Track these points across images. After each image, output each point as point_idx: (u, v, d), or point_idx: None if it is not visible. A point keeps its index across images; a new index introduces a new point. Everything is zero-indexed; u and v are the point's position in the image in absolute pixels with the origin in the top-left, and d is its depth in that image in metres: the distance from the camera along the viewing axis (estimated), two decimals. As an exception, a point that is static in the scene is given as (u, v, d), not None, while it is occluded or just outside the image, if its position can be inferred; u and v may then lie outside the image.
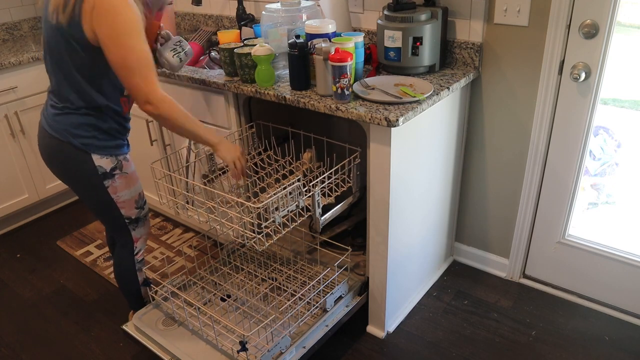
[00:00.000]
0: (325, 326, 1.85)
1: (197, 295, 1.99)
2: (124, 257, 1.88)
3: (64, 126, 1.60)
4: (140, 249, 1.89)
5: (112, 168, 1.68)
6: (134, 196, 1.78)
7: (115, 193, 1.71)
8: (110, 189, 1.69)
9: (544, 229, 2.15)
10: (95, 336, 2.12)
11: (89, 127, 1.62)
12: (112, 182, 1.69)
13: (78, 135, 1.60)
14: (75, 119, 1.60)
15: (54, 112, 1.63)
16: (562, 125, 1.93)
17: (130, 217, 1.79)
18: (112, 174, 1.68)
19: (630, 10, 1.72)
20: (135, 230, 1.84)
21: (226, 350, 1.71)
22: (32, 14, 3.16)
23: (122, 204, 1.75)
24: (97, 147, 1.64)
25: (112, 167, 1.68)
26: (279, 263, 2.15)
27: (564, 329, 2.03)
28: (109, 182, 1.69)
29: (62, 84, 1.59)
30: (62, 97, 1.61)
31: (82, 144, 1.61)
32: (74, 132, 1.60)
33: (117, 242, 1.90)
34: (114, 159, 1.68)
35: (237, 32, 2.21)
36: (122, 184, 1.72)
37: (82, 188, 1.72)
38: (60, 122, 1.61)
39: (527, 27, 1.85)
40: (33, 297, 2.36)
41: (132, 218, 1.80)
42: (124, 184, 1.72)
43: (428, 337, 2.03)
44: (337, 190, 1.82)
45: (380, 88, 1.79)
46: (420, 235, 2.07)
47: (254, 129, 2.08)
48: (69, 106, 1.60)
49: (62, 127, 1.61)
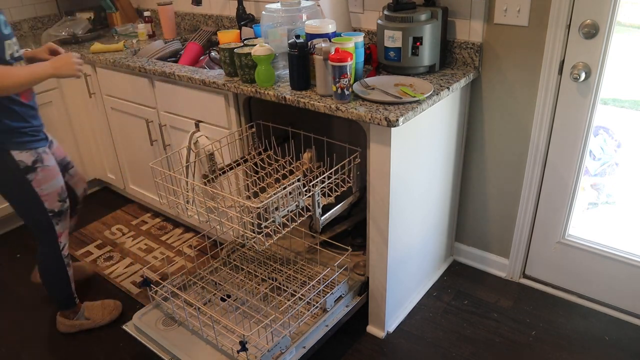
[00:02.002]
0: (325, 326, 1.85)
1: (197, 295, 1.99)
2: (52, 256, 1.92)
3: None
4: (65, 244, 1.94)
5: (34, 161, 1.74)
6: (57, 189, 1.84)
7: (39, 186, 1.77)
8: (34, 182, 1.75)
9: (544, 229, 2.15)
10: (95, 336, 2.12)
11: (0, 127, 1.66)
12: (35, 176, 1.75)
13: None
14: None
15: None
16: (562, 125, 1.94)
17: (54, 210, 1.85)
18: (34, 168, 1.74)
19: (630, 10, 1.73)
20: (59, 224, 1.89)
21: (226, 350, 1.71)
22: (32, 14, 3.16)
23: (46, 197, 1.80)
24: (14, 143, 1.69)
25: (33, 160, 1.73)
26: (279, 263, 2.15)
27: (564, 329, 2.03)
28: (32, 175, 1.74)
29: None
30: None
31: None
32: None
33: (40, 244, 1.92)
34: (34, 152, 1.74)
35: (237, 32, 2.22)
36: (44, 177, 1.77)
37: (6, 187, 1.77)
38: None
39: (527, 27, 1.85)
40: (33, 297, 2.36)
41: (55, 211, 1.85)
42: (47, 177, 1.78)
43: (428, 337, 2.03)
44: (337, 190, 1.82)
45: (380, 88, 1.79)
46: (420, 235, 2.07)
47: (254, 129, 2.08)
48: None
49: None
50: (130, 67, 2.35)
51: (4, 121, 1.65)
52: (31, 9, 3.15)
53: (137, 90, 2.46)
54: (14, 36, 1.71)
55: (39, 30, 3.19)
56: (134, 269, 2.49)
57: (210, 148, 2.05)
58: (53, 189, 1.82)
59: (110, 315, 2.16)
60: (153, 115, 2.46)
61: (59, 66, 1.71)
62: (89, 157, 3.06)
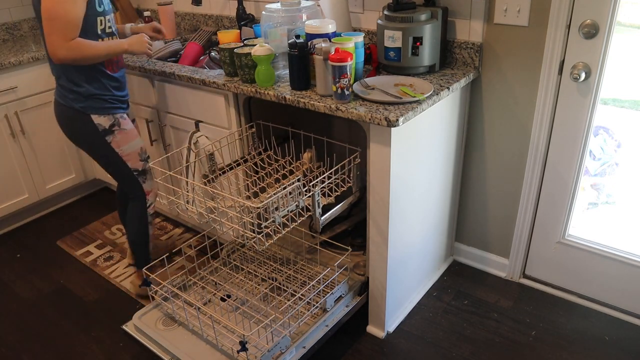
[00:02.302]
0: (325, 326, 1.85)
1: (197, 295, 1.99)
2: (139, 209, 2.13)
3: (66, 93, 1.90)
4: (152, 203, 2.15)
5: (111, 125, 1.95)
6: (136, 149, 2.04)
7: (118, 147, 1.99)
8: (113, 143, 1.97)
9: (544, 229, 2.15)
10: (95, 336, 2.12)
11: (84, 92, 1.89)
12: (113, 138, 1.97)
13: (77, 100, 1.89)
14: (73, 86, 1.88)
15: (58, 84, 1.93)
16: (562, 125, 1.94)
17: (138, 169, 2.06)
18: (111, 130, 1.96)
19: (630, 10, 1.72)
20: (145, 183, 2.10)
21: (226, 350, 1.71)
22: (32, 14, 3.16)
23: (127, 157, 2.02)
24: (94, 108, 1.91)
25: (110, 124, 1.95)
26: (279, 263, 2.15)
27: (564, 329, 2.03)
28: (110, 137, 1.96)
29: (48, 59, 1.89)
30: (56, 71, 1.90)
31: (81, 107, 1.89)
32: (73, 97, 1.89)
33: (130, 197, 2.14)
34: (111, 117, 1.95)
35: (237, 32, 2.22)
36: (122, 138, 1.99)
37: (89, 145, 1.99)
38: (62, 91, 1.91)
39: (527, 27, 1.85)
40: (33, 297, 2.36)
41: (139, 170, 2.06)
42: (125, 138, 1.99)
43: (428, 337, 2.03)
44: (337, 190, 1.82)
45: (380, 88, 1.79)
46: (420, 235, 2.07)
47: (254, 129, 2.08)
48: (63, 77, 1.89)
49: (64, 94, 1.90)
50: (130, 67, 2.35)
51: (88, 88, 1.89)
52: (31, 9, 3.15)
53: (137, 90, 2.46)
54: (111, 13, 1.93)
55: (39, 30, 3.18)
56: (134, 269, 2.49)
57: (210, 148, 2.05)
58: (132, 150, 2.03)
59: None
60: (153, 115, 2.46)
61: (133, 43, 1.95)
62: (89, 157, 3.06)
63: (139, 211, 2.13)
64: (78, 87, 1.88)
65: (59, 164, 2.93)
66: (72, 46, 1.76)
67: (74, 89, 1.88)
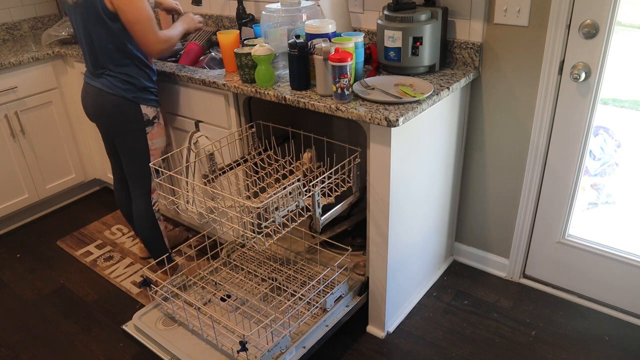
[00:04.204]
0: (325, 326, 1.85)
1: (197, 295, 1.99)
2: (145, 208, 2.17)
3: (118, 83, 1.96)
4: (156, 201, 2.20)
5: (154, 116, 2.06)
6: (162, 146, 2.14)
7: (151, 139, 2.07)
8: (149, 135, 2.06)
9: (544, 229, 2.15)
10: (95, 336, 2.12)
11: (139, 84, 1.99)
12: (151, 130, 2.06)
13: (129, 90, 1.97)
14: (129, 78, 1.97)
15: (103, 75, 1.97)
16: (562, 125, 1.94)
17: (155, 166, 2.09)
18: (152, 122, 2.06)
19: (630, 10, 1.73)
20: (154, 181, 2.15)
21: (226, 350, 1.71)
22: (32, 14, 3.16)
23: (154, 152, 2.10)
24: (145, 99, 2.01)
25: (154, 116, 2.06)
26: (279, 263, 2.15)
27: (564, 329, 2.03)
28: (149, 128, 2.05)
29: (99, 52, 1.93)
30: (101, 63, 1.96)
31: (133, 97, 1.98)
32: (126, 88, 1.97)
33: (135, 196, 2.18)
34: (155, 110, 2.06)
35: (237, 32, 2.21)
36: (157, 132, 2.09)
37: (128, 134, 2.04)
38: (112, 81, 1.96)
39: (527, 27, 1.85)
40: (33, 297, 2.37)
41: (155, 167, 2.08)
42: (159, 132, 2.10)
43: (428, 337, 2.03)
44: (337, 190, 1.82)
45: (380, 88, 1.79)
46: (420, 235, 2.07)
47: (254, 129, 2.08)
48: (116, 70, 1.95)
49: (114, 85, 1.96)
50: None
51: (141, 80, 1.99)
52: (31, 9, 3.15)
53: (137, 90, 2.45)
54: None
55: (39, 30, 3.19)
56: (134, 269, 2.49)
57: (210, 148, 2.05)
58: (159, 146, 2.12)
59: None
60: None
61: (188, 21, 2.14)
62: (89, 157, 3.06)
63: (147, 209, 2.17)
64: (132, 78, 1.97)
65: (59, 164, 2.93)
66: (163, 39, 1.91)
67: (129, 80, 1.97)
